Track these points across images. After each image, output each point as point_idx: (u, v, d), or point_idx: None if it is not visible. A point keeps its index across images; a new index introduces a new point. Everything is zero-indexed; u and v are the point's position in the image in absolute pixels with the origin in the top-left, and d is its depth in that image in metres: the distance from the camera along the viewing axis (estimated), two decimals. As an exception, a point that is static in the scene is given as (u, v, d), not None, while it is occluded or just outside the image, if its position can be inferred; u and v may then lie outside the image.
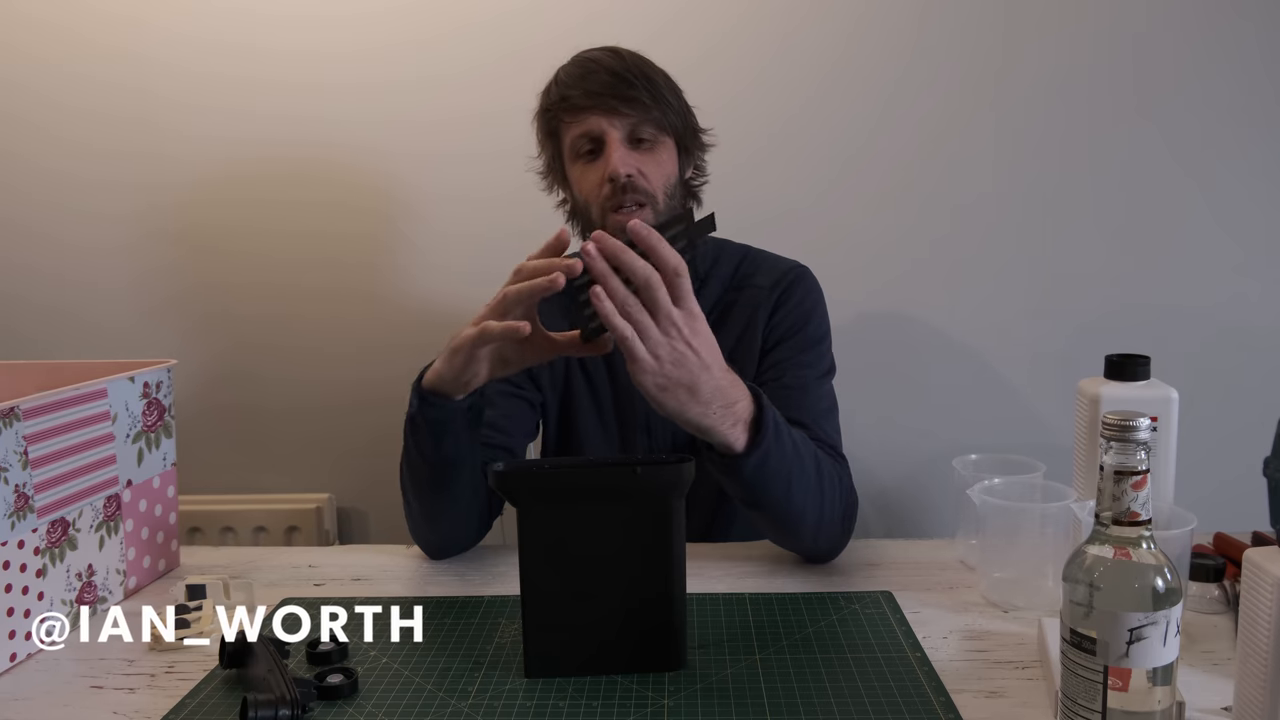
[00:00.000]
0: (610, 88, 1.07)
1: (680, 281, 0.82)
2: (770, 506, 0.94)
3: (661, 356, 0.82)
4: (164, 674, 0.83)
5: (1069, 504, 0.90)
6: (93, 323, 1.73)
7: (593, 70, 1.09)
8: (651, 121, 1.09)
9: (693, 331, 0.83)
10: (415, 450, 0.98)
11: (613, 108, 1.07)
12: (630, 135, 1.09)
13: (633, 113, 1.08)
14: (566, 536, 0.78)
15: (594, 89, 1.08)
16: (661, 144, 1.11)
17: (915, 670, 0.79)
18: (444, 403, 0.94)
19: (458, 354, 0.90)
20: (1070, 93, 1.60)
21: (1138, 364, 0.94)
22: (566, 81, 1.10)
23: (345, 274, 1.69)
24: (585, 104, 1.08)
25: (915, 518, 1.70)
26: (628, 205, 1.08)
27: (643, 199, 1.09)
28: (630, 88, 1.07)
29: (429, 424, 0.96)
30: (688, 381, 0.84)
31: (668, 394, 0.84)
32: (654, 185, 1.09)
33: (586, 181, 1.11)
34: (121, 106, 1.66)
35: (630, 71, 1.09)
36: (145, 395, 1.03)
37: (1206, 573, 0.89)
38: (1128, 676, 0.61)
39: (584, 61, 1.11)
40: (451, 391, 0.94)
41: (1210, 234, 1.62)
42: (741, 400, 0.89)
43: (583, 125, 1.09)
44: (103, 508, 0.98)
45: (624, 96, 1.07)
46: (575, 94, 1.08)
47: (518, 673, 0.80)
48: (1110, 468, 0.62)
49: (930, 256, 1.64)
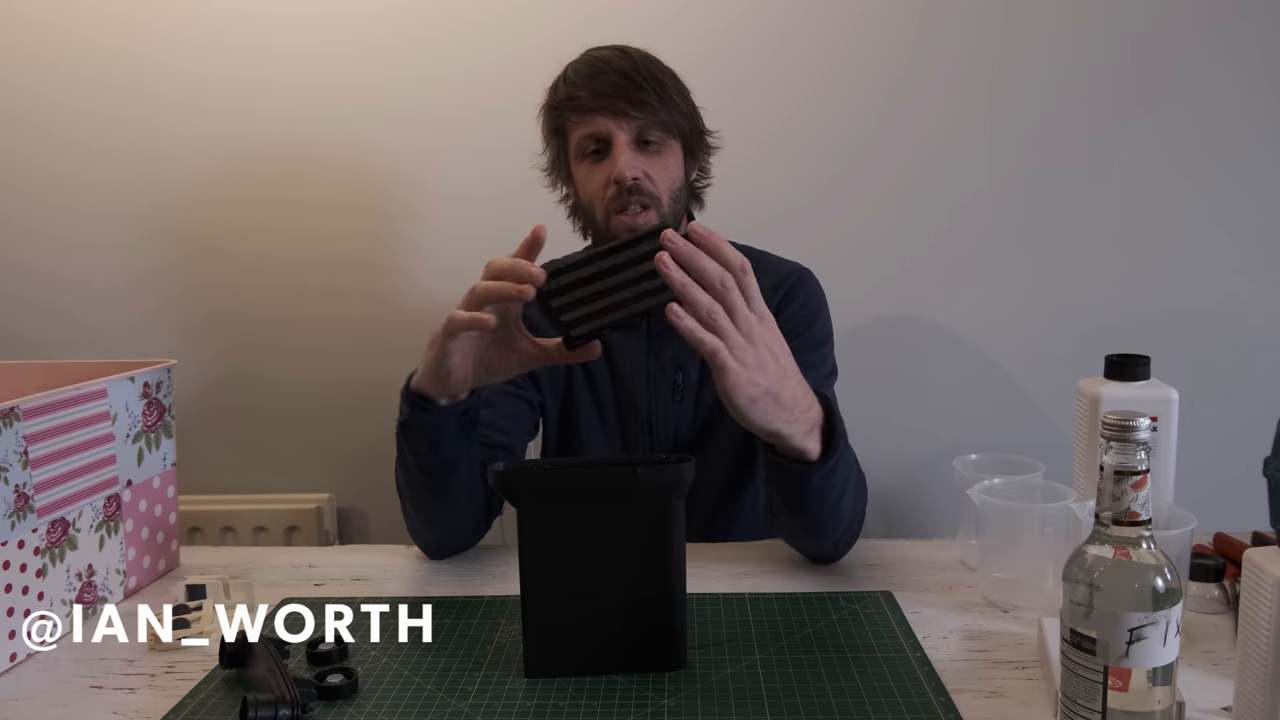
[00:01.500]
0: (618, 89, 1.06)
1: (749, 280, 0.78)
2: (818, 512, 0.92)
3: (749, 364, 0.78)
4: (164, 674, 0.83)
5: (1069, 504, 0.90)
6: (93, 323, 1.73)
7: (601, 70, 1.08)
8: (658, 124, 1.09)
9: (769, 334, 0.80)
10: (410, 455, 0.98)
11: (620, 110, 1.07)
12: (637, 137, 1.08)
13: (640, 115, 1.07)
14: (566, 536, 0.78)
15: (602, 90, 1.07)
16: (668, 147, 1.11)
17: (915, 670, 0.79)
18: (433, 406, 0.94)
19: (431, 350, 0.90)
20: (1069, 92, 1.60)
21: (1138, 364, 0.94)
22: (575, 80, 1.09)
23: (346, 274, 1.69)
24: (593, 105, 1.07)
25: (915, 518, 1.70)
26: (632, 208, 1.08)
27: (648, 201, 1.08)
28: (639, 90, 1.07)
29: (422, 429, 0.95)
30: (773, 389, 0.80)
31: (757, 406, 0.80)
32: (659, 188, 1.09)
33: (591, 182, 1.11)
34: (121, 106, 1.66)
35: (639, 73, 1.08)
36: (145, 395, 1.03)
37: (1206, 573, 0.89)
38: (1128, 676, 0.61)
39: (593, 61, 1.10)
40: (436, 393, 0.93)
41: (1210, 234, 1.62)
42: (814, 405, 0.86)
43: (589, 126, 1.09)
44: (103, 508, 0.97)
45: (632, 99, 1.07)
46: (583, 94, 1.08)
47: (518, 673, 0.80)
48: (1110, 468, 0.62)
49: (929, 256, 1.64)
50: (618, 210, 1.08)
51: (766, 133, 1.61)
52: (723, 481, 1.19)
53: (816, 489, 0.89)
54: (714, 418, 1.17)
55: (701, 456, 1.10)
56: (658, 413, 1.17)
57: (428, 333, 1.41)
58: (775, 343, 0.81)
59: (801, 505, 0.92)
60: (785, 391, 0.81)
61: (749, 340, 0.78)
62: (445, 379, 0.91)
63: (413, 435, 0.96)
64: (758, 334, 0.79)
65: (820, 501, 0.91)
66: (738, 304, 0.77)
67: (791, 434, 0.84)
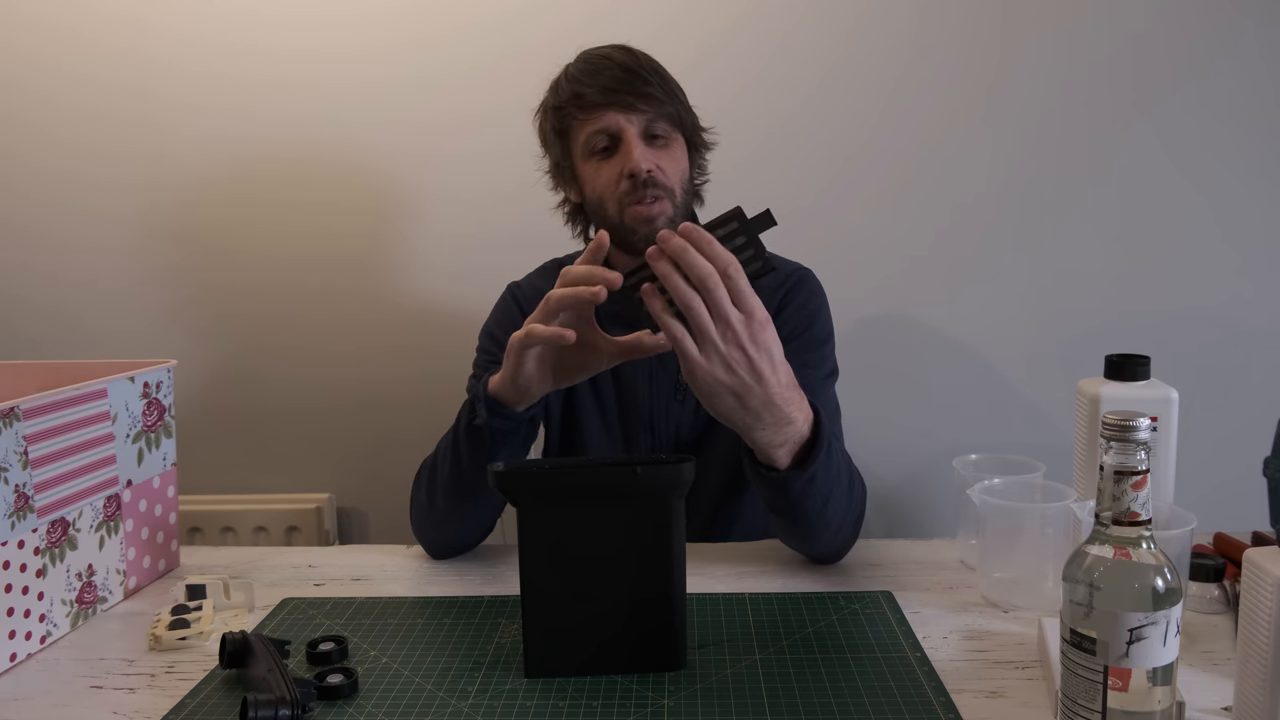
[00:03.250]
0: (625, 84, 1.07)
1: (737, 281, 0.80)
2: (801, 517, 0.93)
3: (712, 357, 0.80)
4: (164, 674, 0.83)
5: (1069, 504, 0.90)
6: (93, 323, 1.73)
7: (605, 67, 1.08)
8: (665, 117, 1.09)
9: (751, 336, 0.81)
10: (467, 456, 0.97)
11: (629, 104, 1.07)
12: (645, 131, 1.09)
13: (648, 109, 1.08)
14: (567, 536, 0.78)
15: (609, 85, 1.07)
16: (674, 140, 1.11)
17: (915, 670, 0.79)
18: (510, 413, 0.94)
19: (509, 358, 0.91)
20: (1069, 91, 1.59)
21: (1138, 364, 0.94)
22: (578, 78, 1.09)
23: (346, 274, 1.69)
24: (600, 100, 1.07)
25: (915, 518, 1.70)
26: (647, 199, 1.08)
27: (661, 193, 1.08)
28: (645, 84, 1.07)
29: (494, 433, 0.95)
30: (738, 389, 0.82)
31: (718, 400, 0.83)
32: (671, 180, 1.10)
33: (601, 179, 1.11)
34: (122, 106, 1.66)
35: (643, 68, 1.09)
36: (145, 395, 1.03)
37: (1206, 573, 0.89)
38: (1128, 676, 0.61)
39: (595, 59, 1.10)
40: (513, 400, 0.94)
41: (1210, 233, 1.62)
42: (798, 420, 0.87)
43: (597, 122, 1.09)
44: (103, 508, 0.97)
45: (639, 93, 1.07)
46: (589, 90, 1.08)
47: (518, 673, 0.80)
48: (1110, 468, 0.62)
49: (929, 255, 1.64)
50: (633, 202, 1.08)
51: (766, 132, 1.61)
52: (723, 481, 1.20)
53: (797, 496, 0.90)
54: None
55: (703, 456, 1.10)
56: (659, 412, 1.17)
57: (428, 333, 1.41)
58: (757, 347, 0.81)
59: (783, 510, 0.93)
60: (754, 395, 0.82)
61: (722, 337, 0.80)
62: (525, 389, 0.92)
63: (482, 439, 0.96)
64: (736, 332, 0.80)
65: (801, 508, 0.91)
66: (718, 299, 0.79)
67: (756, 440, 0.86)
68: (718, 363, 0.81)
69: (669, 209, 1.09)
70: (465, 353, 1.23)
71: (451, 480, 1.01)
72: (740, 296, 0.80)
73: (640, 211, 1.08)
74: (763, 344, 0.82)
